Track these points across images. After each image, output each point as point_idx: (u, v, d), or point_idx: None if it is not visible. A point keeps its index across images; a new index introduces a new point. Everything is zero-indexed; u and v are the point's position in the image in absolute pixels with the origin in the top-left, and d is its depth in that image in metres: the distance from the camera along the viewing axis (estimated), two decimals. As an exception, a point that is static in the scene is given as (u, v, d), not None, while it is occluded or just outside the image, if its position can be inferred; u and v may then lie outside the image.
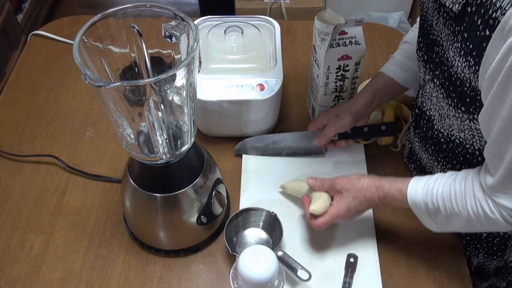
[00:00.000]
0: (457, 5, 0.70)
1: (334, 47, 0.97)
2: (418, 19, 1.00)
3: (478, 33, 0.65)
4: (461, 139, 0.83)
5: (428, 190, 0.78)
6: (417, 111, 0.96)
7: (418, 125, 0.96)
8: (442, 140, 0.88)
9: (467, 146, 0.83)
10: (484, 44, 0.64)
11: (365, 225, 0.98)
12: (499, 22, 0.60)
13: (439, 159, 0.92)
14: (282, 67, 1.03)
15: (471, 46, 0.68)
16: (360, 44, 0.98)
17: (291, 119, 1.17)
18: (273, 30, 1.11)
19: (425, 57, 0.85)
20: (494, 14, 0.61)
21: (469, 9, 0.68)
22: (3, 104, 1.21)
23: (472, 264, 1.00)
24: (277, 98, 1.04)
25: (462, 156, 0.85)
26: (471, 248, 0.98)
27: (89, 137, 1.14)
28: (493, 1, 0.62)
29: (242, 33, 1.07)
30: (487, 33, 0.63)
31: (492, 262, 0.97)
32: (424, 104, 0.91)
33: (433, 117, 0.88)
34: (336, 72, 1.01)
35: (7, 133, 1.14)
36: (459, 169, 0.87)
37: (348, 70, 1.02)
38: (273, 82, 1.01)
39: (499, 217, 0.72)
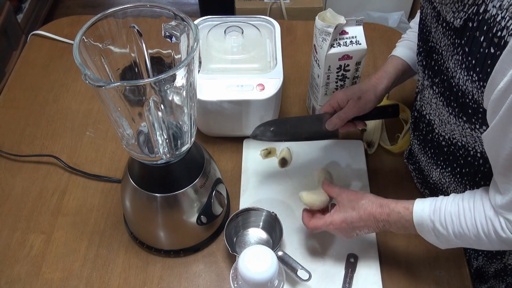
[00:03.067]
0: (458, 19, 0.69)
1: (335, 46, 0.97)
2: (417, 16, 0.98)
3: (481, 49, 0.64)
4: (463, 142, 0.82)
5: (435, 207, 0.76)
6: (416, 114, 0.95)
7: (417, 128, 0.95)
8: (443, 143, 0.87)
9: (469, 149, 0.82)
10: (489, 61, 0.63)
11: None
12: (506, 42, 0.59)
13: (439, 162, 0.91)
14: (282, 67, 1.03)
15: (473, 61, 0.66)
16: (361, 44, 0.98)
17: (291, 119, 1.17)
18: (273, 30, 1.11)
19: (424, 63, 0.84)
20: (500, 33, 0.60)
21: (470, 24, 0.66)
22: (3, 104, 1.21)
23: (472, 266, 1.00)
24: (277, 98, 1.04)
25: (463, 159, 0.84)
26: (471, 251, 0.98)
27: (89, 137, 1.14)
28: (497, 20, 0.61)
29: (242, 33, 1.07)
30: (492, 50, 0.62)
31: (491, 265, 0.97)
32: (424, 108, 0.90)
33: (433, 121, 0.87)
34: (337, 72, 1.01)
35: (7, 133, 1.14)
36: (459, 173, 0.87)
37: (348, 70, 1.01)
38: (273, 82, 1.01)
39: (511, 236, 0.70)
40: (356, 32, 0.98)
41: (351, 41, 0.97)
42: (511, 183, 0.67)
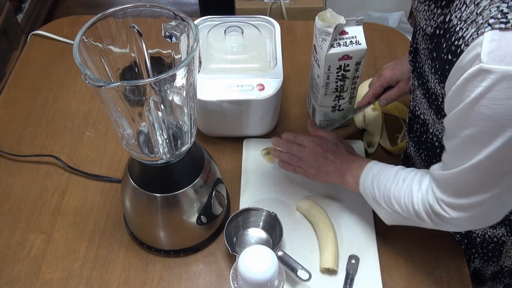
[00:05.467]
0: (429, 27, 0.73)
1: (335, 47, 0.97)
2: None
3: (442, 55, 0.68)
4: None
5: (383, 166, 0.85)
6: (410, 115, 0.95)
7: (411, 129, 0.96)
8: (437, 143, 0.87)
9: None
10: (447, 67, 0.66)
11: (365, 225, 0.98)
12: (462, 51, 0.62)
13: (432, 164, 0.91)
14: (282, 67, 1.03)
15: (437, 66, 0.70)
16: (360, 44, 0.98)
17: (291, 119, 1.17)
18: (273, 30, 1.11)
19: (412, 63, 0.86)
20: (457, 42, 0.64)
21: (438, 32, 0.70)
22: (3, 104, 1.21)
23: (469, 269, 1.00)
24: (277, 98, 1.04)
25: None
26: (469, 253, 0.98)
27: (89, 137, 1.14)
28: (456, 30, 0.64)
29: (242, 33, 1.07)
30: (450, 57, 0.65)
31: (488, 268, 0.97)
32: (417, 108, 0.91)
33: (427, 121, 0.88)
34: (337, 72, 1.01)
35: (7, 133, 1.14)
36: None
37: (348, 70, 1.01)
38: (273, 82, 1.01)
39: (422, 212, 0.76)
40: (356, 32, 0.98)
41: (351, 41, 0.97)
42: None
